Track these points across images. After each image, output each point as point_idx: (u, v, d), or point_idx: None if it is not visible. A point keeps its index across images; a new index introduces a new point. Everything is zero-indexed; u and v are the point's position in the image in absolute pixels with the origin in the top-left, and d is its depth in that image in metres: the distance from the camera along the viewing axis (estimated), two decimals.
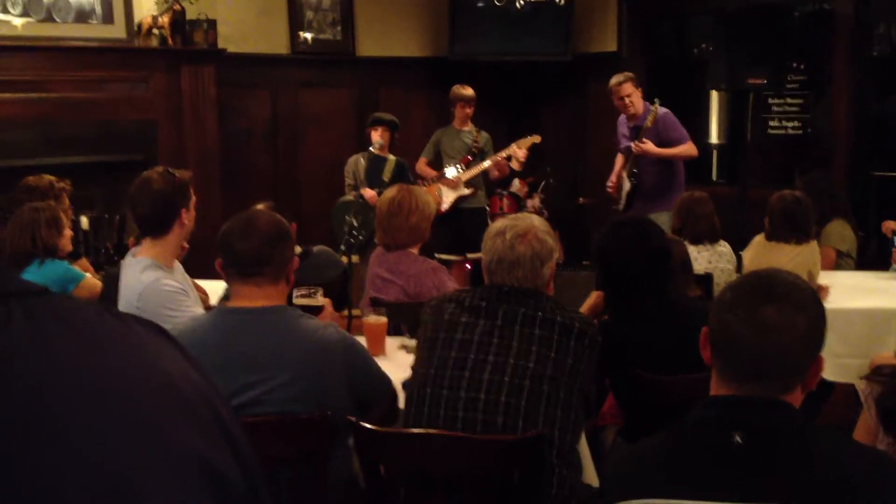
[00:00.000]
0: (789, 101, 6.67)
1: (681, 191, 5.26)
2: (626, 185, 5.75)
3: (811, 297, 1.60)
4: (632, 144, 5.65)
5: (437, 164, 6.37)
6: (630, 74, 5.72)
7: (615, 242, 2.93)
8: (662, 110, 5.61)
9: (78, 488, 0.52)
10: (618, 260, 2.88)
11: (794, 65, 6.68)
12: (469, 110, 6.27)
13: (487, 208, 6.49)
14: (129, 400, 0.57)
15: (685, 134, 5.64)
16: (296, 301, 2.87)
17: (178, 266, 3.18)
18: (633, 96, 5.64)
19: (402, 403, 2.52)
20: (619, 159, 5.89)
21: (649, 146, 5.52)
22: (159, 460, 0.56)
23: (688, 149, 5.61)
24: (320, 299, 3.00)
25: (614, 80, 5.70)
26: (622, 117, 5.86)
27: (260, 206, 3.75)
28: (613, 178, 5.87)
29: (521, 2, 5.85)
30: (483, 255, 2.54)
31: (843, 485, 1.51)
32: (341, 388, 2.33)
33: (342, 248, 5.06)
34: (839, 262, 4.87)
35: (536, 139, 6.28)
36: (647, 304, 2.85)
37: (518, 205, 6.72)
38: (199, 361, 0.67)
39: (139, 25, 6.24)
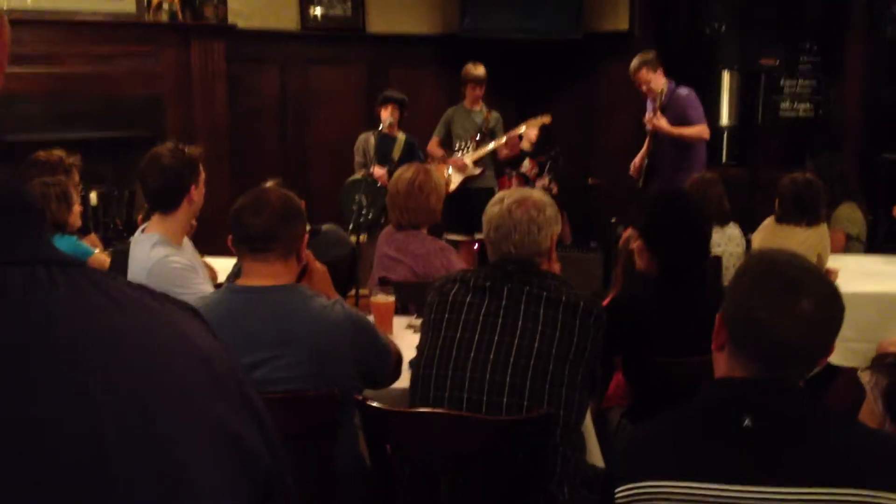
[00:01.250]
0: (801, 82, 6.63)
1: (698, 171, 5.24)
2: (644, 163, 5.77)
3: (832, 286, 1.62)
4: (645, 120, 5.64)
5: (448, 143, 6.35)
6: (645, 58, 5.67)
7: (672, 208, 2.93)
8: (683, 91, 5.59)
9: (121, 456, 0.53)
10: (680, 224, 2.87)
11: (807, 46, 6.63)
12: (480, 90, 6.24)
13: (496, 188, 6.47)
14: (171, 374, 0.59)
15: (700, 116, 5.61)
16: None
17: (187, 242, 3.19)
18: (650, 82, 5.62)
19: (408, 383, 2.53)
20: (648, 139, 5.89)
21: (661, 122, 5.51)
22: (199, 434, 0.57)
23: (699, 131, 5.58)
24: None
25: (631, 65, 5.69)
26: (649, 99, 5.85)
27: (269, 184, 3.75)
28: (637, 159, 5.86)
29: None
30: (483, 226, 2.54)
31: (852, 468, 1.52)
32: (349, 366, 2.34)
33: (350, 226, 5.07)
34: (849, 245, 4.86)
35: (547, 119, 6.25)
36: (690, 275, 2.84)
37: (527, 184, 6.70)
38: (223, 341, 0.68)
39: (149, 0, 6.22)
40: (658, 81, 5.62)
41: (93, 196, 5.83)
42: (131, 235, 3.20)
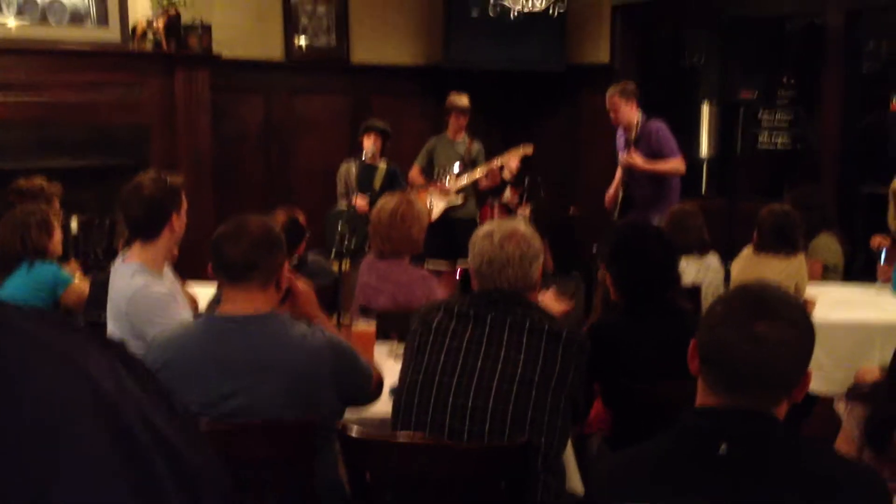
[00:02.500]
0: (779, 115, 6.72)
1: (674, 202, 5.29)
2: (619, 197, 5.79)
3: (802, 313, 1.63)
4: (620, 156, 5.69)
5: (430, 172, 6.39)
6: (621, 86, 5.72)
7: (636, 239, 2.98)
8: (655, 124, 5.64)
9: None
10: (638, 256, 2.92)
11: (785, 79, 6.74)
12: (463, 120, 6.28)
13: (478, 217, 6.51)
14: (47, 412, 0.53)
15: (675, 149, 5.64)
16: None
17: (167, 271, 3.19)
18: (618, 110, 5.65)
19: (390, 410, 2.53)
20: (619, 171, 5.92)
21: (635, 159, 5.55)
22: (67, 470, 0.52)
23: (675, 165, 5.60)
24: None
25: (608, 91, 5.74)
26: (620, 129, 5.89)
27: (278, 211, 3.84)
28: (611, 189, 5.89)
29: (515, 12, 5.88)
30: (471, 259, 2.56)
31: (827, 496, 1.53)
32: (330, 392, 2.34)
33: (333, 255, 5.07)
34: (826, 275, 4.90)
35: (528, 149, 6.30)
36: (656, 306, 2.88)
37: (508, 214, 6.74)
38: (146, 377, 0.61)
39: (134, 29, 6.25)
40: (631, 114, 5.65)
41: (74, 224, 5.81)
42: (112, 263, 3.20)
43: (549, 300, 3.25)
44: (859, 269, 5.69)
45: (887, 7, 6.40)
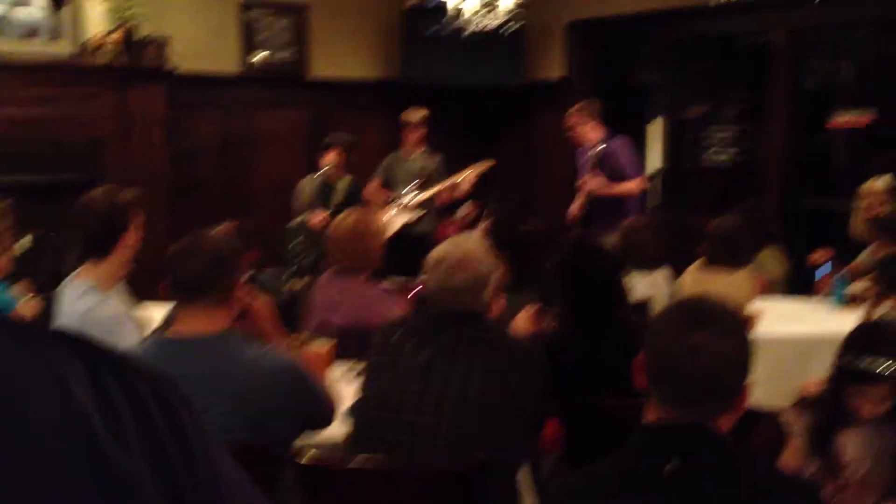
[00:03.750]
0: (727, 130, 6.87)
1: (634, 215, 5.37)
2: (582, 212, 5.86)
3: (738, 323, 1.67)
4: (577, 184, 5.75)
5: (388, 187, 6.41)
6: (583, 105, 5.80)
7: (579, 257, 3.05)
8: (616, 143, 5.72)
9: None
10: (581, 274, 2.99)
11: (732, 96, 6.89)
12: (419, 135, 6.32)
13: (436, 232, 6.55)
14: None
15: (635, 168, 5.73)
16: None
17: (120, 288, 3.16)
18: (575, 128, 5.74)
19: (347, 430, 2.54)
20: (581, 185, 5.98)
21: (593, 184, 5.62)
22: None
23: (633, 187, 5.68)
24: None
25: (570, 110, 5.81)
26: (580, 148, 5.96)
27: (221, 228, 3.77)
28: (574, 208, 5.95)
29: (472, 29, 5.94)
30: (427, 284, 2.59)
31: None
32: (286, 415, 2.32)
33: (290, 271, 5.08)
34: (771, 288, 5.02)
35: (487, 165, 6.36)
36: (601, 322, 2.94)
37: (466, 229, 6.78)
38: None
39: (88, 42, 6.20)
40: (590, 134, 5.73)
41: (26, 241, 5.73)
42: (64, 280, 3.16)
43: (522, 319, 3.28)
44: (801, 283, 5.83)
45: (830, 26, 6.58)
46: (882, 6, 6.00)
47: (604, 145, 5.69)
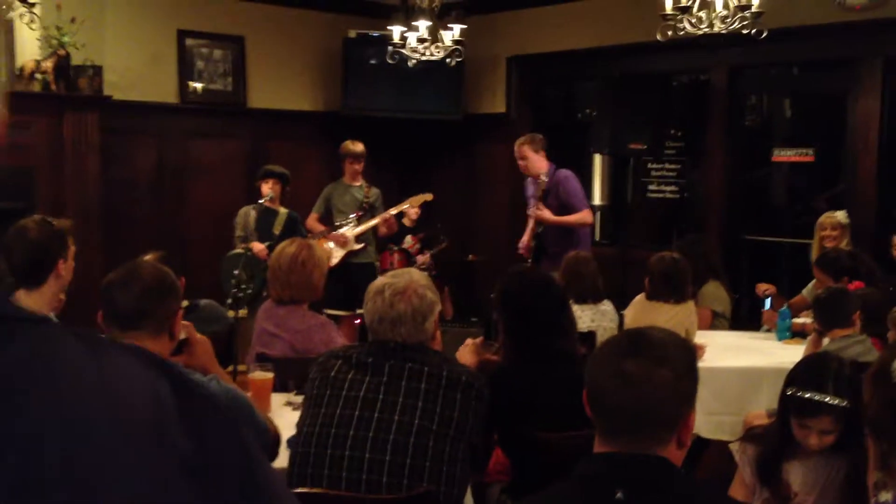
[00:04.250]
0: (667, 166, 6.98)
1: (585, 249, 5.38)
2: (532, 244, 5.86)
3: (677, 351, 1.62)
4: (529, 206, 5.78)
5: (328, 218, 6.35)
6: (530, 137, 5.85)
7: (522, 288, 3.02)
8: (563, 174, 5.76)
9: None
10: (524, 305, 2.95)
11: (672, 132, 7.01)
12: (358, 166, 6.30)
13: (377, 264, 6.50)
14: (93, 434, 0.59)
15: (582, 200, 5.77)
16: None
17: (53, 319, 3.06)
18: (528, 159, 5.77)
19: (286, 462, 2.47)
20: (531, 220, 5.99)
21: (544, 213, 5.65)
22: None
23: (581, 217, 5.72)
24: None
25: (517, 142, 5.84)
26: (529, 179, 5.99)
27: (148, 257, 3.65)
28: (525, 238, 5.96)
29: (413, 62, 5.96)
30: (365, 315, 2.55)
31: None
32: None
33: (229, 301, 4.97)
34: (714, 321, 5.07)
35: (428, 197, 6.35)
36: (545, 353, 2.91)
37: (408, 261, 6.75)
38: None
39: (21, 69, 6.05)
40: (540, 164, 5.77)
41: None
42: None
43: (466, 350, 3.26)
44: (745, 315, 5.90)
45: (769, 65, 6.75)
46: (820, 45, 6.17)
47: (552, 175, 5.73)
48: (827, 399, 2.38)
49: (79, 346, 0.63)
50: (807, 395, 2.40)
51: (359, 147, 6.27)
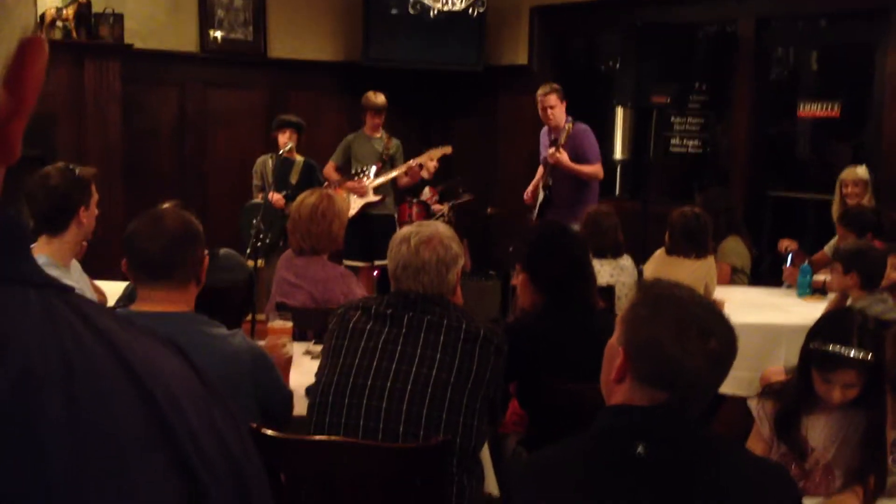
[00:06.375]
0: (691, 120, 6.89)
1: (592, 205, 5.37)
2: (540, 196, 5.86)
3: (733, 328, 1.67)
4: (547, 154, 5.76)
5: (346, 169, 6.34)
6: (556, 86, 5.82)
7: (546, 237, 3.02)
8: (581, 127, 5.75)
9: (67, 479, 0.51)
10: (551, 257, 2.95)
11: (697, 85, 6.91)
12: (379, 119, 6.26)
13: (396, 215, 6.50)
14: (108, 419, 0.55)
15: (597, 154, 5.79)
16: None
17: (75, 265, 3.10)
18: (556, 108, 5.74)
19: (304, 410, 2.50)
20: (540, 170, 5.99)
21: (563, 157, 5.64)
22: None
23: (595, 170, 5.76)
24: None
25: (541, 89, 5.81)
26: (545, 129, 5.96)
27: (167, 205, 3.66)
28: (531, 188, 5.96)
29: (435, 11, 5.88)
30: (388, 262, 2.56)
31: (742, 494, 1.57)
32: (247, 397, 2.31)
33: (248, 251, 5.00)
34: (734, 277, 5.04)
35: (447, 149, 6.32)
36: (567, 303, 2.91)
37: (427, 213, 6.75)
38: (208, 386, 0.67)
39: (42, 17, 6.04)
40: (560, 114, 5.77)
41: None
42: None
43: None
44: (765, 271, 5.87)
45: (796, 16, 6.62)
46: None
47: (573, 124, 5.71)
48: (852, 353, 2.35)
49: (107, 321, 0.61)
50: (831, 349, 2.37)
51: (381, 100, 6.22)
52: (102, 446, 0.54)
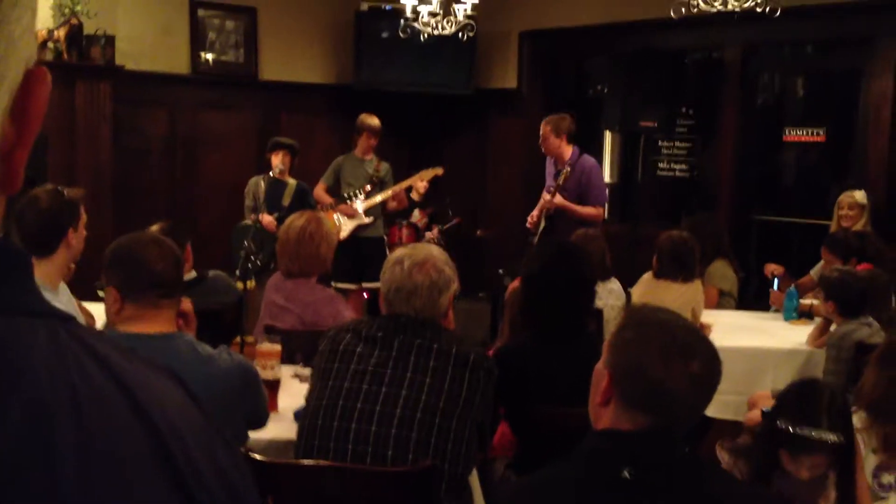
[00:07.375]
0: (678, 144, 6.94)
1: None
2: (542, 224, 5.77)
3: (716, 350, 1.68)
4: (545, 193, 5.67)
5: (336, 190, 6.35)
6: (556, 119, 5.65)
7: (554, 261, 3.00)
8: (589, 163, 5.62)
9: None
10: (554, 279, 2.94)
11: (684, 110, 6.97)
12: (375, 140, 6.26)
13: (386, 238, 6.51)
14: (112, 452, 0.57)
15: (598, 197, 5.63)
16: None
17: (63, 288, 3.08)
18: (547, 140, 5.63)
19: (293, 433, 2.50)
20: (545, 195, 5.88)
21: (557, 200, 5.52)
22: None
23: (593, 213, 5.56)
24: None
25: (544, 120, 5.72)
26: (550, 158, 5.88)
27: (154, 228, 3.65)
28: (536, 212, 5.88)
29: (425, 35, 5.92)
30: (381, 285, 2.56)
31: None
32: (236, 415, 2.31)
33: (238, 272, 5.00)
34: (721, 301, 5.07)
35: (438, 171, 6.32)
36: (563, 330, 2.91)
37: (417, 235, 6.76)
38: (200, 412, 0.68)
39: None
40: (561, 149, 5.59)
41: None
42: None
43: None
44: (752, 295, 5.90)
45: (782, 42, 6.70)
46: (834, 23, 6.12)
47: (575, 161, 5.58)
48: (822, 436, 2.24)
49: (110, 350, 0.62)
50: (800, 431, 2.26)
51: (377, 122, 6.22)
52: (110, 470, 0.56)
